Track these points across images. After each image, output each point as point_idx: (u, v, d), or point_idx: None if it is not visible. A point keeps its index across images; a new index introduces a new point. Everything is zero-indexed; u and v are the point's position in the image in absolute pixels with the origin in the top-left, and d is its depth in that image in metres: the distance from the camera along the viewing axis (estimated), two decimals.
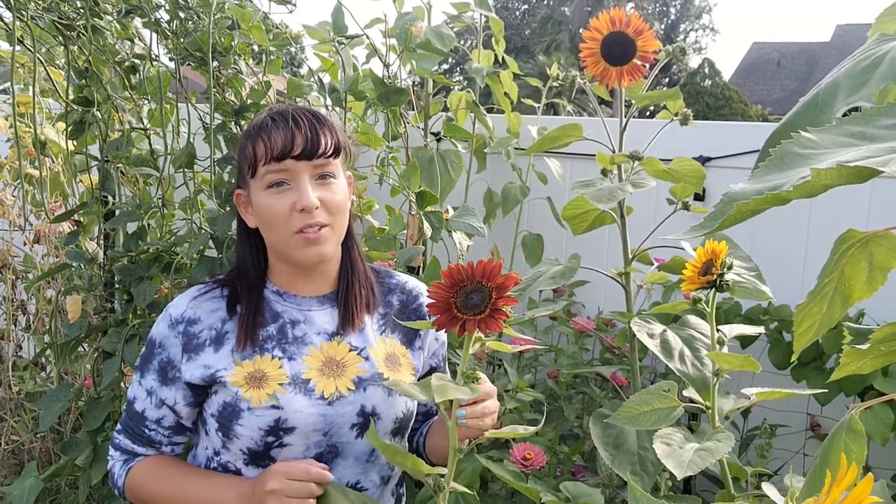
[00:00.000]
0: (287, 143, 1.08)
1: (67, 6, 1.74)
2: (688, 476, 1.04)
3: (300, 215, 1.09)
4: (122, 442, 1.19)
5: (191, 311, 1.16)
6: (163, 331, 1.16)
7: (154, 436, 1.17)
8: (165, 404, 1.16)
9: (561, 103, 2.63)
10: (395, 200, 2.14)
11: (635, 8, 28.61)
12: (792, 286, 2.12)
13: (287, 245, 1.12)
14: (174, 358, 1.15)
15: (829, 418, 2.13)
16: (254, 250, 1.19)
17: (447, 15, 2.32)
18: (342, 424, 1.12)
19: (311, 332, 1.16)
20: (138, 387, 1.18)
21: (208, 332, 1.15)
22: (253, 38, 1.89)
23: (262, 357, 1.13)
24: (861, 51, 0.62)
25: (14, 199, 2.51)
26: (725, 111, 20.47)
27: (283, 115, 1.11)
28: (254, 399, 1.09)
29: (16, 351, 2.70)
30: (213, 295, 1.19)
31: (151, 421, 1.17)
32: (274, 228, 1.12)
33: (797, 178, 0.45)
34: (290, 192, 1.10)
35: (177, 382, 1.15)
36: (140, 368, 1.18)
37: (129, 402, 1.19)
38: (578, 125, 1.59)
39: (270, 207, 1.10)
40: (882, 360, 0.70)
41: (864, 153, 0.45)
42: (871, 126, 0.50)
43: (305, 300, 1.18)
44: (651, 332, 1.34)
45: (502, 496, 1.83)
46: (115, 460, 1.20)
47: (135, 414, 1.18)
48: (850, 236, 0.62)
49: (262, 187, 1.11)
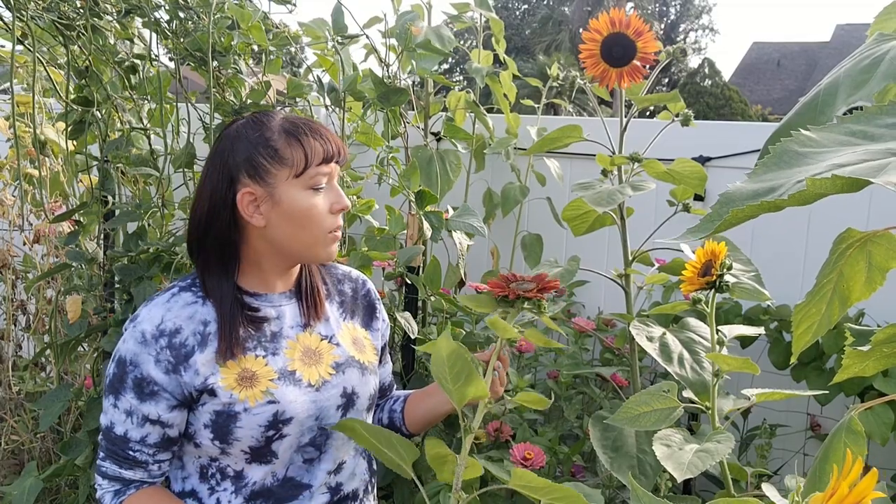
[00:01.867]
0: (331, 148, 1.16)
1: (67, 6, 1.74)
2: (688, 477, 1.04)
3: (335, 217, 1.17)
4: (109, 469, 1.17)
5: (170, 322, 1.13)
6: (132, 348, 1.13)
7: (139, 456, 1.15)
8: (149, 420, 1.13)
9: (561, 103, 2.63)
10: (394, 200, 2.14)
11: (635, 8, 28.64)
12: (792, 286, 2.12)
13: (316, 244, 1.16)
14: (147, 374, 1.12)
15: (829, 418, 2.13)
16: (230, 254, 1.17)
17: (447, 15, 2.32)
18: (329, 407, 1.19)
19: (285, 326, 1.21)
20: (114, 411, 1.14)
21: (193, 337, 1.13)
22: (252, 38, 1.89)
23: (246, 357, 1.15)
24: (861, 50, 0.61)
25: (14, 199, 2.51)
26: (725, 111, 20.46)
27: (311, 123, 1.17)
28: (249, 399, 1.12)
29: (16, 351, 2.70)
30: (185, 300, 1.16)
31: (135, 441, 1.14)
32: (310, 228, 1.15)
33: (795, 178, 0.45)
34: (327, 193, 1.16)
35: (155, 396, 1.12)
36: (112, 392, 1.14)
37: (107, 430, 1.16)
38: (578, 126, 1.59)
39: (316, 206, 1.14)
40: (885, 362, 0.69)
41: (861, 155, 0.45)
42: (871, 124, 0.49)
43: (276, 297, 1.22)
44: (650, 335, 1.34)
45: (502, 496, 1.83)
46: (105, 490, 1.17)
47: (116, 439, 1.15)
48: (849, 236, 0.62)
49: (306, 187, 1.14)
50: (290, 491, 1.18)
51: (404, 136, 2.29)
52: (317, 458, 1.19)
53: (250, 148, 1.13)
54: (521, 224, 2.53)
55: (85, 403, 1.85)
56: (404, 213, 2.05)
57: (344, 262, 1.86)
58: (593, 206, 1.40)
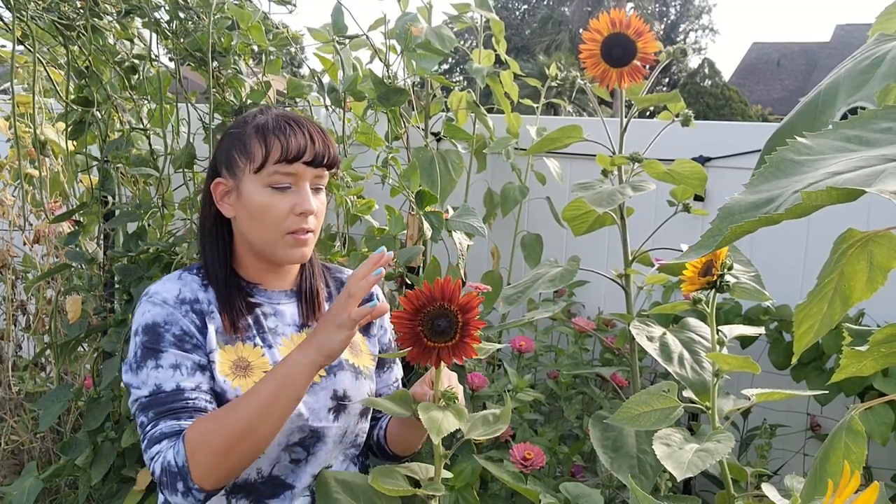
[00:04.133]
0: (302, 149, 1.14)
1: (67, 6, 1.74)
2: (688, 476, 1.04)
3: (297, 218, 1.15)
4: (164, 427, 1.07)
5: (187, 293, 1.17)
6: (160, 312, 1.13)
7: (198, 402, 1.09)
8: (199, 367, 1.11)
9: (561, 103, 2.63)
10: (395, 200, 2.14)
11: (635, 8, 28.63)
12: (792, 286, 2.12)
13: (274, 243, 1.16)
14: (186, 328, 1.13)
15: (829, 418, 2.12)
16: (221, 240, 1.22)
17: (447, 15, 2.32)
18: (320, 409, 1.18)
19: (282, 324, 1.22)
20: (157, 372, 1.09)
21: (207, 305, 1.17)
22: (252, 39, 1.89)
23: (245, 345, 1.17)
24: (861, 51, 0.61)
25: (14, 199, 2.51)
26: (725, 111, 20.46)
27: (297, 122, 1.17)
28: (242, 387, 1.13)
29: (16, 351, 2.70)
30: (192, 279, 1.21)
31: (190, 390, 1.09)
32: (265, 225, 1.15)
33: (791, 189, 0.45)
34: (292, 194, 1.15)
35: (197, 350, 1.12)
36: (149, 356, 1.10)
37: (153, 394, 1.09)
38: (578, 126, 1.59)
39: (271, 206, 1.14)
40: (883, 362, 0.69)
41: (856, 163, 0.45)
42: (867, 129, 0.49)
43: (275, 294, 1.24)
44: (650, 335, 1.34)
45: (502, 496, 1.83)
46: (165, 450, 1.05)
47: (168, 396, 1.08)
48: (850, 236, 0.62)
49: (265, 184, 1.15)
50: (273, 489, 1.17)
51: (405, 137, 2.29)
52: (304, 459, 1.19)
53: (230, 141, 1.19)
54: (521, 224, 2.53)
55: (85, 403, 1.85)
56: (404, 213, 2.05)
57: (344, 262, 1.86)
58: (593, 207, 1.40)
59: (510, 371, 1.91)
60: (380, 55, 2.11)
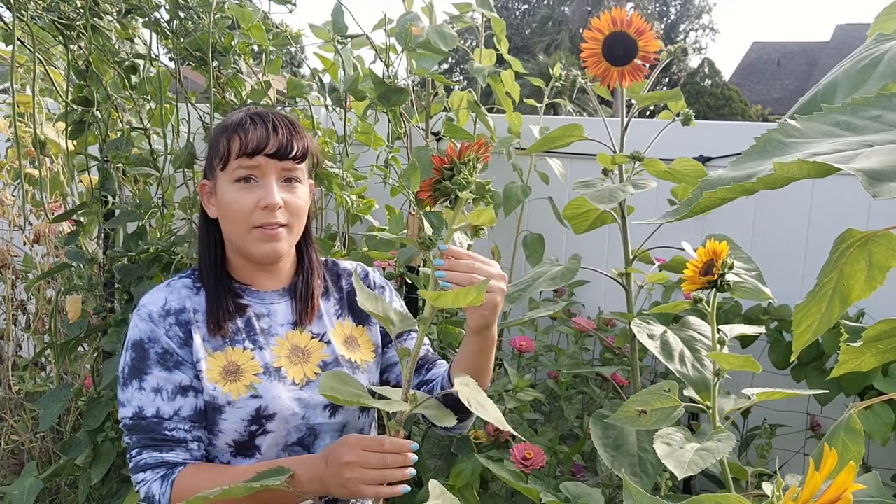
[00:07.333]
0: (262, 142, 1.14)
1: (67, 6, 1.74)
2: (688, 476, 1.04)
3: (263, 212, 1.15)
4: (149, 458, 1.13)
5: (173, 302, 1.18)
6: (144, 328, 1.16)
7: (177, 434, 1.13)
8: (180, 389, 1.14)
9: (562, 103, 2.63)
10: (395, 200, 2.14)
11: (636, 8, 28.60)
12: (792, 286, 2.12)
13: (245, 239, 1.17)
14: (168, 345, 1.15)
15: (830, 418, 2.13)
16: (213, 242, 1.23)
17: (448, 15, 2.32)
18: (316, 407, 1.18)
19: (275, 324, 1.22)
20: (139, 395, 1.13)
21: (193, 315, 1.18)
22: (253, 38, 1.89)
23: (234, 349, 1.18)
24: (860, 50, 0.61)
25: (14, 199, 2.51)
26: (725, 111, 20.45)
27: (261, 116, 1.18)
28: (233, 392, 1.14)
29: (16, 351, 2.70)
30: (184, 285, 1.22)
31: (168, 419, 1.13)
32: (234, 221, 1.16)
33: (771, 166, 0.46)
34: (257, 188, 1.16)
35: (180, 366, 1.15)
36: (134, 376, 1.14)
37: (135, 418, 1.13)
38: (580, 125, 1.59)
39: (236, 201, 1.15)
40: (881, 358, 0.70)
41: (837, 146, 0.46)
42: (857, 116, 0.50)
43: (267, 294, 1.24)
44: (651, 333, 1.34)
45: (502, 496, 1.83)
46: (150, 480, 1.12)
47: (149, 423, 1.13)
48: (850, 236, 0.62)
49: (231, 180, 1.16)
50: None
51: (406, 137, 2.29)
52: None
53: (212, 140, 1.21)
54: (523, 223, 2.53)
55: (85, 403, 1.85)
56: (405, 213, 2.05)
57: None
58: (595, 204, 1.40)
59: (510, 371, 1.91)
60: (380, 55, 2.11)
